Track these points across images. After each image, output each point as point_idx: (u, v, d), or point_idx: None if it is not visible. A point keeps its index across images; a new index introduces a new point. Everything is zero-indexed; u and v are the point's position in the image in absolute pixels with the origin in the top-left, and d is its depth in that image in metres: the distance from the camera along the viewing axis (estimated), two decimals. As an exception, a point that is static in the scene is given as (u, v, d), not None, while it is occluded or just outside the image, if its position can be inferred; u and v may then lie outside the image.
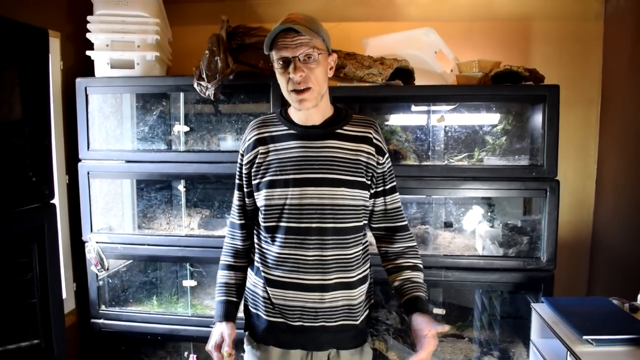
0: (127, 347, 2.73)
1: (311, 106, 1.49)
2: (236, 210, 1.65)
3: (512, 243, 2.38)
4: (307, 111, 1.52)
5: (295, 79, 1.44)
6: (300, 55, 1.43)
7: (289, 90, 1.47)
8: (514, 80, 2.28)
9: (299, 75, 1.43)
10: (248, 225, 1.65)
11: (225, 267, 1.65)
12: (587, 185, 2.74)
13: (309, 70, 1.44)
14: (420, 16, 2.80)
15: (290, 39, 1.42)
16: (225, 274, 1.64)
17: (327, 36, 1.50)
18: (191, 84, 2.33)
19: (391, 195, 1.62)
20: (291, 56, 1.43)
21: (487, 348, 2.50)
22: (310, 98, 1.47)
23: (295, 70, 1.43)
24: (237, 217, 1.65)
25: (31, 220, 1.56)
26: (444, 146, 2.48)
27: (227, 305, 1.59)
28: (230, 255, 1.66)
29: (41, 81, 1.60)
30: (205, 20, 2.86)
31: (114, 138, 2.70)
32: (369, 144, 1.56)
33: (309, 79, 1.45)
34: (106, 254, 2.54)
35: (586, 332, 1.61)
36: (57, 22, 2.51)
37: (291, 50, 1.43)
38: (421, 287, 1.57)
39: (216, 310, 1.60)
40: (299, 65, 1.43)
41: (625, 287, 2.32)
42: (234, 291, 1.62)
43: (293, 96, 1.47)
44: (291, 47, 1.43)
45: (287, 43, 1.42)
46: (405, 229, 1.65)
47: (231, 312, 1.59)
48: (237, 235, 1.65)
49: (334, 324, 1.54)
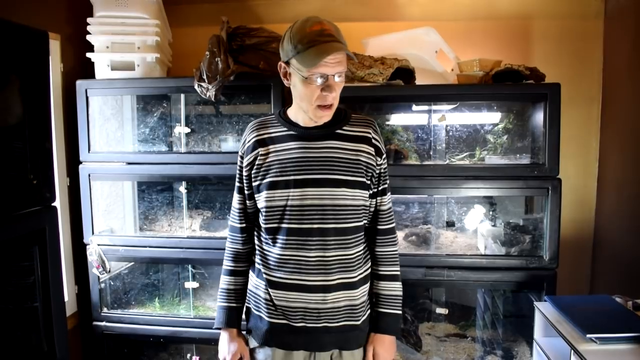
0: (129, 350, 2.73)
1: (329, 119, 1.51)
2: (237, 213, 1.64)
3: (515, 242, 2.37)
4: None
5: (328, 100, 1.44)
6: (337, 75, 1.43)
7: (315, 105, 1.46)
8: (515, 79, 2.27)
9: (333, 95, 1.44)
10: (249, 228, 1.65)
11: (227, 272, 1.67)
12: (589, 184, 2.74)
13: (338, 88, 1.46)
14: (421, 16, 2.80)
15: (332, 56, 1.39)
16: (226, 280, 1.66)
17: None
18: (192, 85, 2.32)
19: (383, 196, 1.62)
20: (329, 74, 1.42)
21: (490, 347, 2.49)
22: (331, 113, 1.50)
23: (331, 89, 1.43)
24: (237, 220, 1.64)
25: (32, 223, 1.56)
26: (445, 145, 2.47)
27: (227, 312, 1.64)
28: (231, 260, 1.67)
29: (41, 83, 1.60)
30: (205, 22, 2.86)
31: (114, 140, 2.70)
32: (369, 144, 1.56)
33: (337, 97, 1.47)
34: (108, 256, 2.54)
35: (590, 330, 1.60)
36: (57, 24, 2.51)
37: (330, 68, 1.41)
38: (390, 301, 1.61)
39: (217, 315, 1.65)
40: (333, 84, 1.43)
41: (628, 284, 2.32)
42: (233, 297, 1.64)
43: (318, 112, 1.47)
44: (331, 65, 1.41)
45: (328, 61, 1.40)
46: (391, 232, 1.65)
47: (232, 318, 1.63)
48: (237, 239, 1.65)
49: (336, 324, 1.54)
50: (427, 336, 2.54)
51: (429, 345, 2.49)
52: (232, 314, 1.63)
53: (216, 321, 1.64)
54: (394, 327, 1.61)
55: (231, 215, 1.67)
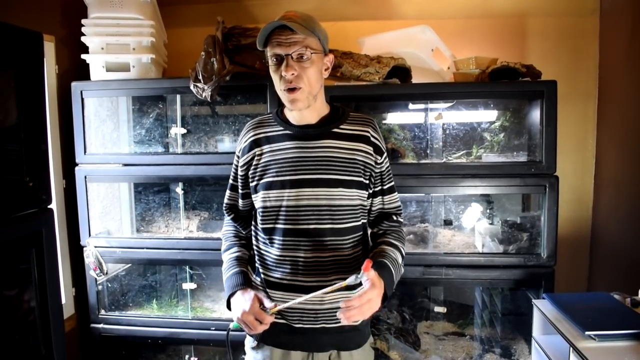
0: (127, 352, 2.72)
1: (303, 107, 1.48)
2: (226, 208, 1.68)
3: (512, 240, 2.37)
4: (301, 111, 1.51)
5: (287, 77, 1.43)
6: (294, 54, 1.42)
7: (282, 89, 1.47)
8: (511, 76, 2.27)
9: (290, 73, 1.42)
10: (240, 218, 1.67)
11: (231, 245, 1.63)
12: (586, 181, 2.74)
13: (301, 69, 1.43)
14: (416, 14, 2.80)
15: (284, 36, 1.42)
16: (235, 250, 1.60)
17: (324, 36, 1.49)
18: (187, 85, 2.31)
19: (389, 195, 1.61)
20: (284, 54, 1.42)
21: (488, 345, 2.49)
22: (301, 98, 1.46)
23: (287, 68, 1.42)
24: (229, 215, 1.69)
25: (29, 225, 1.55)
26: (442, 144, 2.47)
27: (241, 275, 1.52)
28: (234, 236, 1.66)
29: (36, 85, 1.59)
30: (200, 22, 2.86)
31: (110, 141, 2.69)
32: (367, 142, 1.55)
33: (300, 78, 1.44)
34: (105, 258, 2.53)
35: (588, 327, 1.61)
36: (51, 26, 2.50)
37: (284, 48, 1.42)
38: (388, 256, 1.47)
39: (232, 280, 1.51)
40: (292, 63, 1.42)
41: (625, 281, 2.32)
42: (244, 263, 1.58)
43: (285, 95, 1.47)
44: (284, 45, 1.42)
45: (281, 40, 1.42)
46: (401, 224, 1.64)
47: (247, 279, 1.53)
48: (236, 226, 1.69)
49: (334, 325, 1.53)
50: (426, 335, 2.54)
51: (427, 344, 2.49)
52: (246, 277, 1.53)
53: (233, 285, 1.49)
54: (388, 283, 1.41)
55: (223, 208, 1.71)
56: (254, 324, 1.40)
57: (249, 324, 1.41)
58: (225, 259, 1.60)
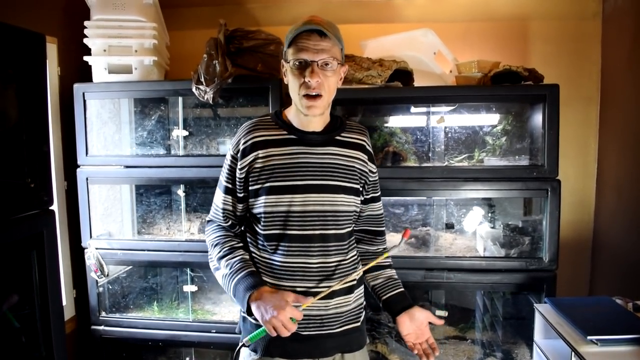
0: (128, 354, 2.71)
1: (318, 113, 1.48)
2: (221, 213, 1.58)
3: (514, 244, 2.37)
4: (312, 117, 1.49)
5: (311, 84, 1.41)
6: (320, 61, 1.41)
7: (301, 95, 1.44)
8: (513, 80, 2.27)
9: (315, 80, 1.41)
10: (238, 226, 1.62)
11: (234, 248, 1.54)
12: (588, 185, 2.73)
13: (324, 77, 1.43)
14: (419, 17, 2.80)
15: (312, 42, 1.40)
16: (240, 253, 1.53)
17: (343, 47, 1.50)
18: (190, 88, 2.32)
19: (379, 202, 1.67)
20: (310, 60, 1.41)
21: (489, 350, 2.48)
22: (320, 105, 1.45)
23: (313, 74, 1.40)
24: (222, 219, 1.59)
25: (30, 227, 1.55)
26: (444, 147, 2.47)
27: (255, 275, 1.47)
28: (231, 240, 1.56)
29: (38, 87, 1.59)
30: (202, 25, 2.85)
31: (112, 143, 2.69)
32: (363, 151, 1.58)
33: (322, 86, 1.43)
34: (106, 260, 2.53)
35: (590, 332, 1.60)
36: (53, 28, 2.50)
37: (312, 54, 1.41)
38: (398, 283, 1.67)
39: (249, 280, 1.44)
40: (317, 70, 1.41)
41: (628, 286, 2.31)
42: (251, 263, 1.52)
43: (304, 101, 1.45)
44: (312, 51, 1.40)
45: (309, 46, 1.40)
46: (384, 233, 1.72)
47: (261, 279, 1.49)
48: (230, 232, 1.59)
49: (338, 329, 1.53)
50: (427, 338, 2.52)
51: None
52: (259, 277, 1.48)
53: (247, 288, 1.41)
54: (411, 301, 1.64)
55: (213, 214, 1.61)
56: (290, 325, 1.35)
57: (286, 326, 1.34)
58: (229, 263, 1.50)
